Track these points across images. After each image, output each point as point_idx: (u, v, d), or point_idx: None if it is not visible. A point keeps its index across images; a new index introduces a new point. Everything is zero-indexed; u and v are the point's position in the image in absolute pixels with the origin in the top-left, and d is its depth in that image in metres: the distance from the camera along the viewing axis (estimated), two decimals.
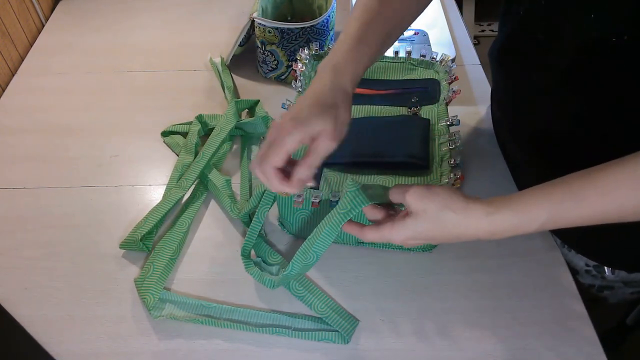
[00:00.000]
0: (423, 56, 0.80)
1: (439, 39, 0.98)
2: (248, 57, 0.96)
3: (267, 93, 0.92)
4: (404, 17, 0.62)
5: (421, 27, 0.98)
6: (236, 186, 0.77)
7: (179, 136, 0.84)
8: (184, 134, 0.84)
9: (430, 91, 0.76)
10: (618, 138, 0.55)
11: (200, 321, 0.61)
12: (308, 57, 0.78)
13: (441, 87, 0.76)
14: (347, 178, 0.66)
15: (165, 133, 0.84)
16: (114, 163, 0.81)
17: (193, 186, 0.75)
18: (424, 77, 0.79)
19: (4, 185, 0.77)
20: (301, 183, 0.53)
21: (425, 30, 0.98)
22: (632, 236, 0.61)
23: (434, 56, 0.80)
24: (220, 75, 0.94)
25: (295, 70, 0.78)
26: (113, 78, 0.96)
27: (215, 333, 0.61)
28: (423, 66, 0.80)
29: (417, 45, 0.94)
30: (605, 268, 0.67)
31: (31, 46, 1.04)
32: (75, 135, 0.85)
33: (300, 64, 0.77)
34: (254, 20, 0.87)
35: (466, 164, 0.77)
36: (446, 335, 0.60)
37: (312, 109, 0.51)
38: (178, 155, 0.80)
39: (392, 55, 0.81)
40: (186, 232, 0.70)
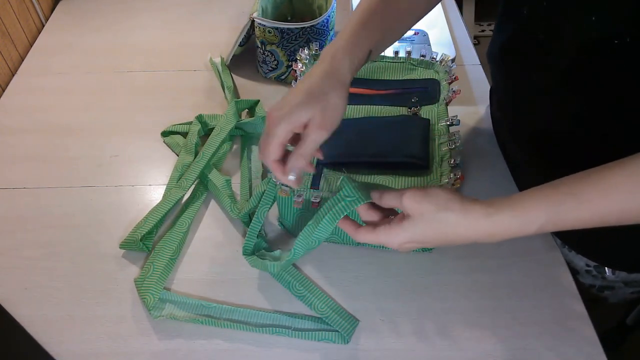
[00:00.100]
0: (423, 56, 0.80)
1: (439, 39, 0.98)
2: (248, 57, 0.96)
3: (267, 93, 0.92)
4: (413, 12, 0.62)
5: (421, 27, 0.98)
6: (236, 186, 0.77)
7: (179, 136, 0.84)
8: (184, 134, 0.84)
9: (430, 91, 0.76)
10: (618, 138, 0.55)
11: (200, 321, 0.61)
12: (308, 57, 0.78)
13: (441, 87, 0.76)
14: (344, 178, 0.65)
15: (165, 133, 0.84)
16: (114, 163, 0.81)
17: (193, 186, 0.75)
18: (424, 77, 0.78)
19: (4, 185, 0.77)
20: (298, 172, 0.53)
21: (425, 30, 0.98)
22: (633, 237, 0.61)
23: (434, 56, 0.79)
24: (220, 75, 0.94)
25: (295, 70, 0.78)
26: (113, 78, 0.96)
27: (215, 333, 0.61)
28: (423, 66, 0.80)
29: (417, 45, 0.94)
30: (605, 268, 0.67)
31: (31, 46, 1.04)
32: (75, 135, 0.85)
33: (300, 64, 0.76)
34: (254, 20, 0.87)
35: (466, 164, 0.77)
36: (446, 335, 0.60)
37: (299, 98, 0.51)
38: (178, 155, 0.80)
39: (392, 55, 0.81)
40: (186, 232, 0.70)
